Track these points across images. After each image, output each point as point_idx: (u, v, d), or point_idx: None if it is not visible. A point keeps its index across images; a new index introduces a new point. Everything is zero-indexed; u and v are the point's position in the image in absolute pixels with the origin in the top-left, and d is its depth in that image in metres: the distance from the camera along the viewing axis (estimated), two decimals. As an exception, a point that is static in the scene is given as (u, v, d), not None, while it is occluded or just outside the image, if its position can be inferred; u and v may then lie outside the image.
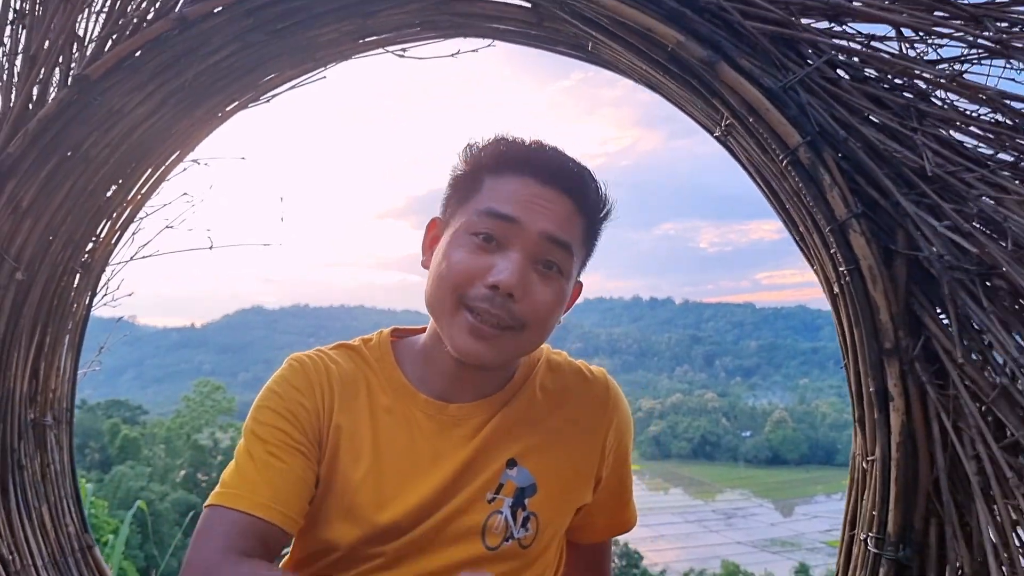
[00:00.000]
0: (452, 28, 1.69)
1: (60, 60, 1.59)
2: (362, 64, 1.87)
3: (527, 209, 1.24)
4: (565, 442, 1.40)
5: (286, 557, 1.41)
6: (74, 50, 1.59)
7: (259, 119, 1.95)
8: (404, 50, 1.82)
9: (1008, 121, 1.25)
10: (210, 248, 2.11)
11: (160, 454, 37.53)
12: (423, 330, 1.44)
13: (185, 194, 1.97)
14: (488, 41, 1.78)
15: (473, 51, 1.95)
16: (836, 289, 1.36)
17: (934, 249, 1.18)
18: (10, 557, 1.67)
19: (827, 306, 1.42)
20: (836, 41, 1.30)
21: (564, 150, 1.33)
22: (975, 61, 1.28)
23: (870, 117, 1.26)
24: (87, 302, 1.90)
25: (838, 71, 1.30)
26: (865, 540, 1.27)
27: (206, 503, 1.25)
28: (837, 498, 74.44)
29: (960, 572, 1.18)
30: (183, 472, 35.62)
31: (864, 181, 1.25)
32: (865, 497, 1.30)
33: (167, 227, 2.04)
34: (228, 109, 1.82)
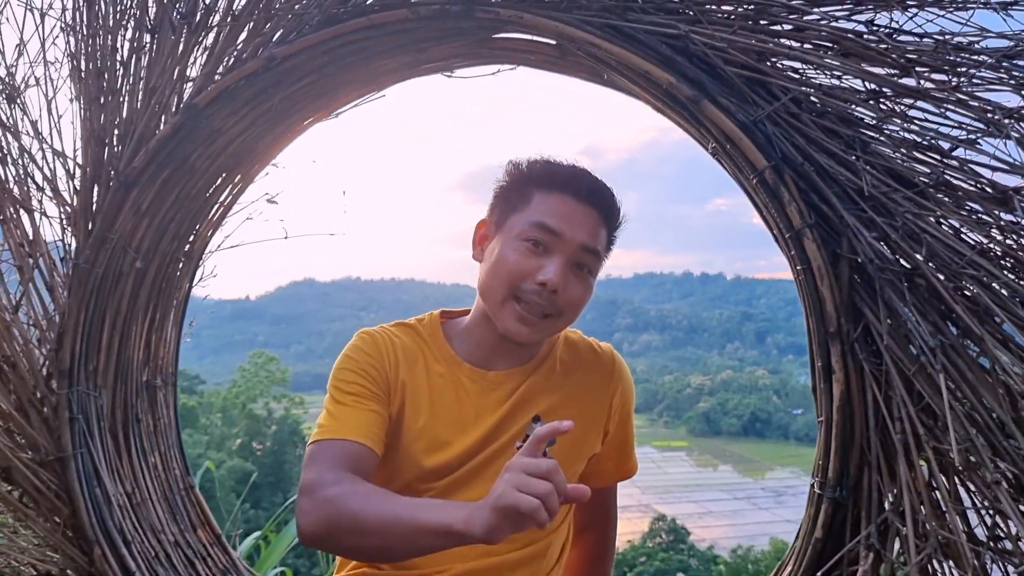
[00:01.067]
0: (491, 58, 2.01)
1: (173, 91, 1.95)
2: (416, 84, 2.22)
3: (569, 224, 1.61)
4: (579, 403, 1.76)
5: None
6: (186, 83, 1.95)
7: (328, 131, 2.29)
8: (451, 72, 2.16)
9: (927, 148, 1.54)
10: (285, 238, 2.47)
11: (217, 423, 38.63)
12: (466, 312, 1.80)
13: (266, 194, 2.33)
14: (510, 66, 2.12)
15: (511, 68, 2.30)
16: (796, 280, 1.67)
17: (867, 254, 1.48)
18: (133, 491, 2.06)
19: None
20: (801, 87, 1.60)
21: (593, 172, 1.70)
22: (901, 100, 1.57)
23: (823, 145, 1.56)
24: (188, 285, 2.28)
25: (800, 106, 1.60)
26: (813, 484, 1.60)
27: (308, 442, 1.61)
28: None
29: (882, 507, 1.49)
30: (239, 441, 36.63)
31: (816, 198, 1.56)
32: (817, 451, 1.62)
33: (247, 219, 2.40)
34: (304, 125, 2.17)
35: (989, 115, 1.47)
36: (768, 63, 1.62)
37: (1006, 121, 1.45)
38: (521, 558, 1.69)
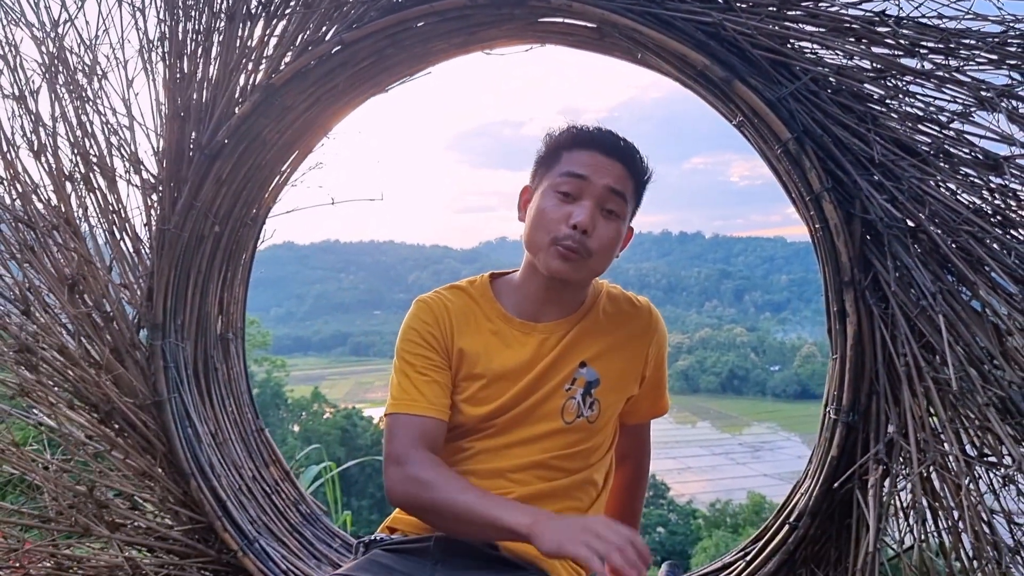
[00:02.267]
0: (535, 39, 2.23)
1: (252, 72, 2.16)
2: (459, 61, 2.44)
3: (594, 170, 1.82)
4: (620, 350, 1.98)
5: None
6: (260, 64, 2.16)
7: (377, 105, 2.50)
8: (491, 50, 2.39)
9: (928, 120, 1.79)
10: (332, 203, 2.70)
11: (200, 386, 38.60)
12: (514, 271, 2.03)
13: (319, 163, 2.55)
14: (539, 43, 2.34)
15: (541, 45, 2.51)
16: (813, 238, 1.93)
17: (879, 214, 1.74)
18: (216, 432, 2.30)
19: None
20: (819, 68, 1.84)
21: (618, 132, 1.90)
22: (905, 79, 1.82)
23: (839, 119, 1.81)
24: (252, 247, 2.51)
25: (818, 85, 1.84)
26: (827, 411, 1.86)
27: (386, 412, 1.85)
28: (864, 431, 74.99)
29: (887, 430, 1.76)
30: (223, 404, 36.75)
31: (833, 165, 1.81)
32: (831, 383, 1.88)
33: (292, 186, 2.62)
34: (361, 99, 2.38)
35: (982, 92, 1.72)
36: (790, 46, 1.86)
37: (997, 98, 1.70)
38: (572, 483, 1.94)
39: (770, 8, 1.85)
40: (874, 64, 1.81)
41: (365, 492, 29.88)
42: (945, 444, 1.68)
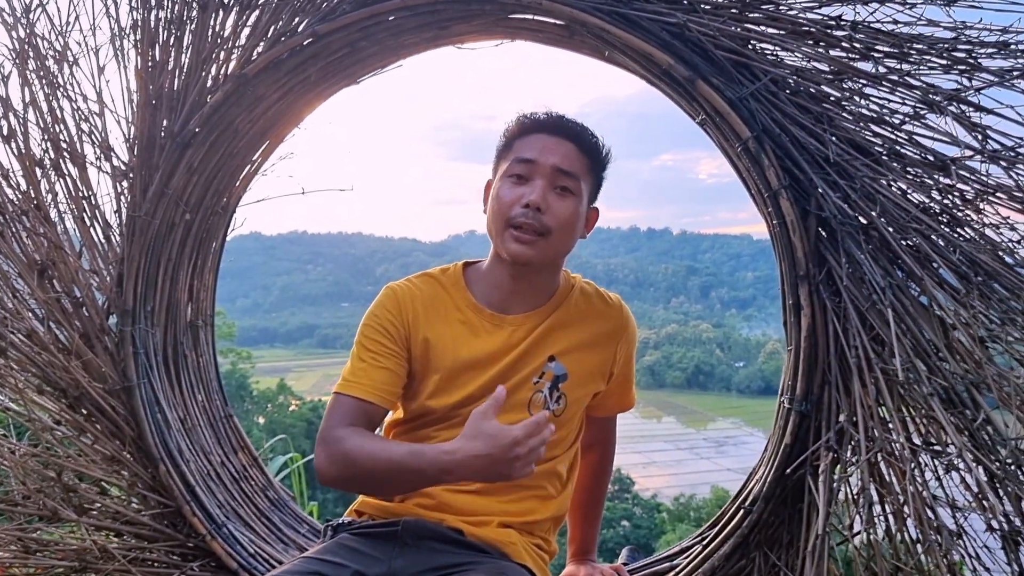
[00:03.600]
0: (505, 35, 2.28)
1: (224, 62, 2.19)
2: (433, 55, 2.48)
3: (541, 152, 1.86)
4: (589, 347, 2.01)
5: (389, 418, 2.06)
6: (232, 54, 2.19)
7: (349, 96, 2.54)
8: (462, 44, 2.43)
9: (881, 122, 1.87)
10: (302, 193, 2.73)
11: (165, 377, 38.25)
12: (483, 260, 2.05)
13: (291, 153, 2.58)
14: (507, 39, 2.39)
15: (511, 41, 2.56)
16: (771, 233, 2.00)
17: (830, 210, 1.81)
18: (185, 418, 2.33)
19: None
20: (779, 69, 1.91)
21: (565, 114, 1.94)
22: (865, 82, 1.89)
23: (796, 119, 1.88)
24: (222, 236, 2.53)
25: (777, 86, 1.91)
26: (782, 400, 1.94)
27: (333, 390, 1.87)
28: (826, 427, 75.92)
29: (838, 419, 1.83)
30: (188, 395, 36.43)
31: (790, 163, 1.87)
32: (786, 374, 1.96)
33: (263, 175, 2.65)
34: (332, 91, 2.41)
35: (932, 96, 1.80)
36: (751, 47, 1.92)
37: (946, 101, 1.78)
38: (536, 474, 1.99)
39: (732, 10, 1.92)
40: (830, 66, 1.88)
41: (350, 499, 29.75)
42: (892, 433, 1.76)
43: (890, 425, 1.78)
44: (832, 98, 1.89)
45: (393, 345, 1.91)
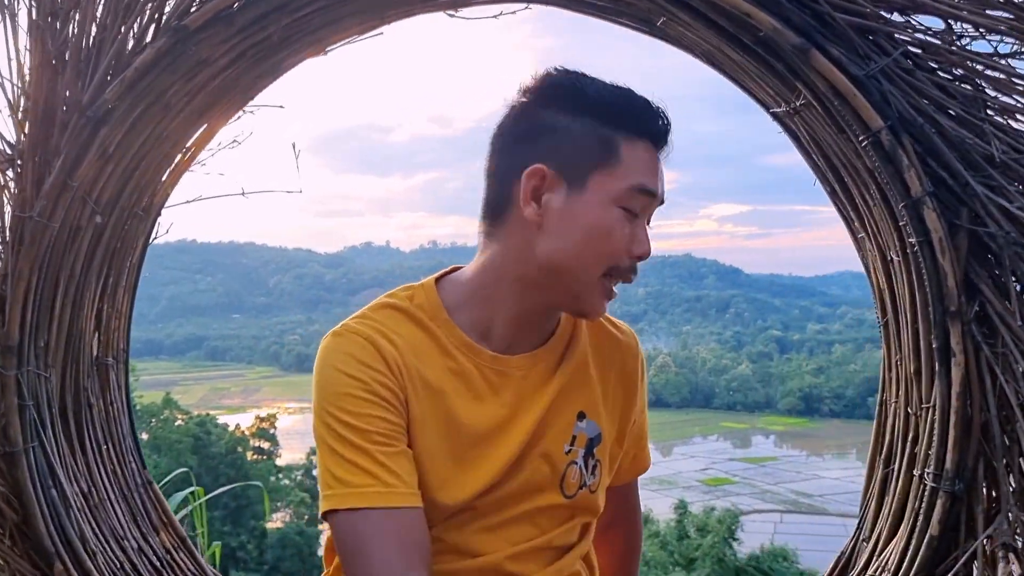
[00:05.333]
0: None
1: (155, 10, 1.60)
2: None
3: (659, 182, 1.31)
4: (613, 393, 1.48)
5: None
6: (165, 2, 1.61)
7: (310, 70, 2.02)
8: (456, 11, 1.91)
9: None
10: (243, 195, 2.15)
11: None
12: (454, 270, 1.45)
13: (235, 141, 2.00)
14: (524, 4, 1.90)
15: (512, 13, 2.06)
16: (894, 257, 1.54)
17: (1001, 226, 1.36)
18: (90, 491, 1.72)
19: (712, 256, 1.57)
20: (915, 35, 1.46)
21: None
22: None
23: (944, 105, 1.43)
24: (143, 245, 1.93)
25: (914, 62, 1.46)
26: (921, 476, 1.47)
27: (335, 507, 1.21)
28: (713, 439, 77.74)
29: (1001, 500, 1.39)
30: (67, 411, 34.53)
31: (936, 163, 1.42)
32: (920, 439, 1.50)
33: (200, 166, 2.06)
34: (292, 62, 1.85)
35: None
36: (885, 11, 1.46)
37: None
38: (573, 561, 1.47)
39: (858, -40, 1.45)
40: (988, 35, 1.44)
41: (239, 520, 28.21)
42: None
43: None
44: (990, 79, 1.44)
45: (398, 419, 1.27)
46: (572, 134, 1.29)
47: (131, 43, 1.62)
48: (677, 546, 25.65)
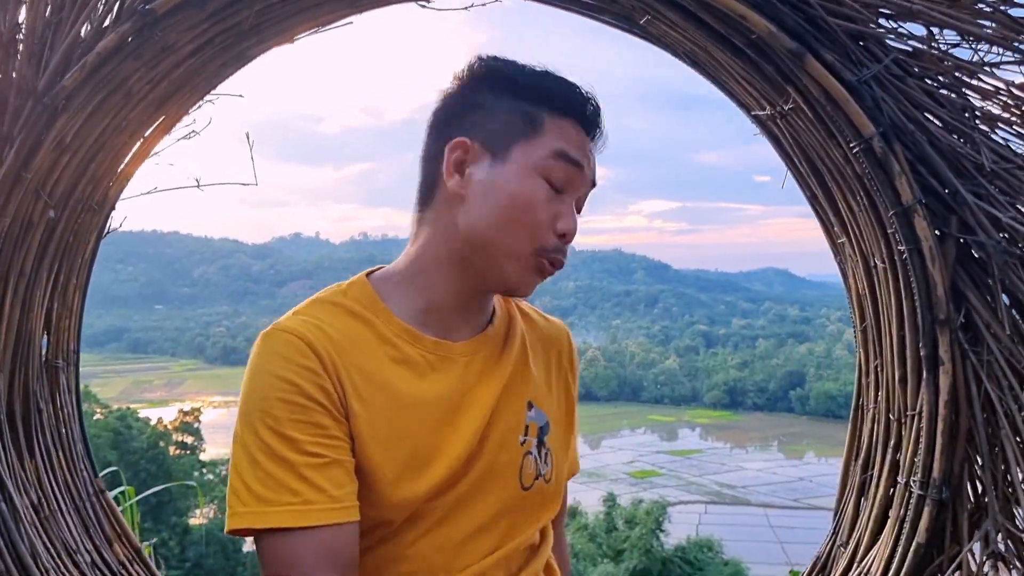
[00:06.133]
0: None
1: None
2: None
3: (585, 158, 1.26)
4: (552, 383, 1.43)
5: None
6: (132, -20, 1.51)
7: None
8: (428, 1, 1.86)
9: (1034, 124, 1.45)
10: (198, 187, 2.06)
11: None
12: (384, 267, 1.38)
13: (194, 131, 1.91)
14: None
15: (483, 4, 2.01)
16: (879, 263, 1.54)
17: (990, 235, 1.36)
18: (40, 502, 1.62)
19: (641, 251, 1.53)
20: (907, 41, 1.45)
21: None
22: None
23: (934, 112, 1.42)
24: (95, 240, 1.83)
25: (904, 69, 1.45)
26: (907, 484, 1.47)
27: (253, 527, 1.12)
28: (641, 432, 78.73)
29: (987, 504, 1.39)
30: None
31: (926, 171, 1.42)
32: (903, 446, 1.50)
33: (156, 155, 1.96)
34: (261, 49, 1.77)
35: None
36: (876, 16, 1.46)
37: None
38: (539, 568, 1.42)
39: (852, -35, 1.44)
40: (976, 44, 1.44)
41: (160, 517, 27.46)
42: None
43: (1068, 521, 1.35)
44: (978, 87, 1.45)
45: (332, 421, 1.18)
46: (497, 110, 1.26)
47: (87, 26, 1.52)
48: (606, 538, 25.89)
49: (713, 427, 77.61)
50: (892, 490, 1.53)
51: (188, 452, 37.11)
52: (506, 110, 1.26)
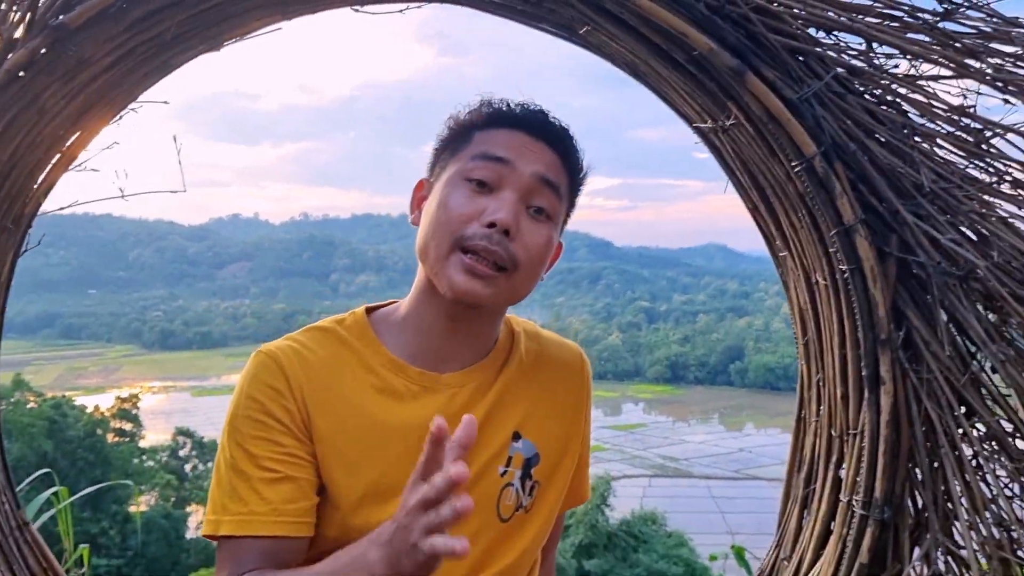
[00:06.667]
0: (440, -3, 1.67)
1: (28, 6, 1.41)
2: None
3: (519, 154, 1.29)
4: (555, 409, 1.44)
5: None
6: (42, -8, 1.42)
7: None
8: (363, 6, 1.81)
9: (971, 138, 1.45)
10: (122, 197, 1.98)
11: None
12: (392, 303, 1.44)
13: (115, 142, 1.83)
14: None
15: (418, 7, 1.96)
16: (820, 280, 1.53)
17: (930, 255, 1.36)
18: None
19: (584, 228, 1.54)
20: (843, 56, 1.44)
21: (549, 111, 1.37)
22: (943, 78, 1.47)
23: (871, 131, 1.42)
24: (12, 260, 1.74)
25: (845, 87, 1.44)
26: (849, 503, 1.47)
27: (212, 533, 1.24)
28: (586, 408, 79.72)
29: (928, 521, 1.40)
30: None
31: (866, 190, 1.41)
32: (845, 463, 1.50)
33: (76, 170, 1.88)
34: (181, 59, 1.70)
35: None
36: (811, 33, 1.44)
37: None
38: None
39: (792, -19, 1.42)
40: (914, 63, 1.44)
41: (100, 505, 26.82)
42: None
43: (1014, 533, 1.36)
44: (919, 102, 1.44)
45: (293, 441, 1.26)
46: (445, 143, 1.38)
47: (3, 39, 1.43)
48: (552, 515, 26.15)
49: (656, 401, 78.73)
50: (835, 507, 1.53)
51: (127, 440, 36.39)
52: (450, 143, 1.36)
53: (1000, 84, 1.40)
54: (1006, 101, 1.43)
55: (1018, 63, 1.42)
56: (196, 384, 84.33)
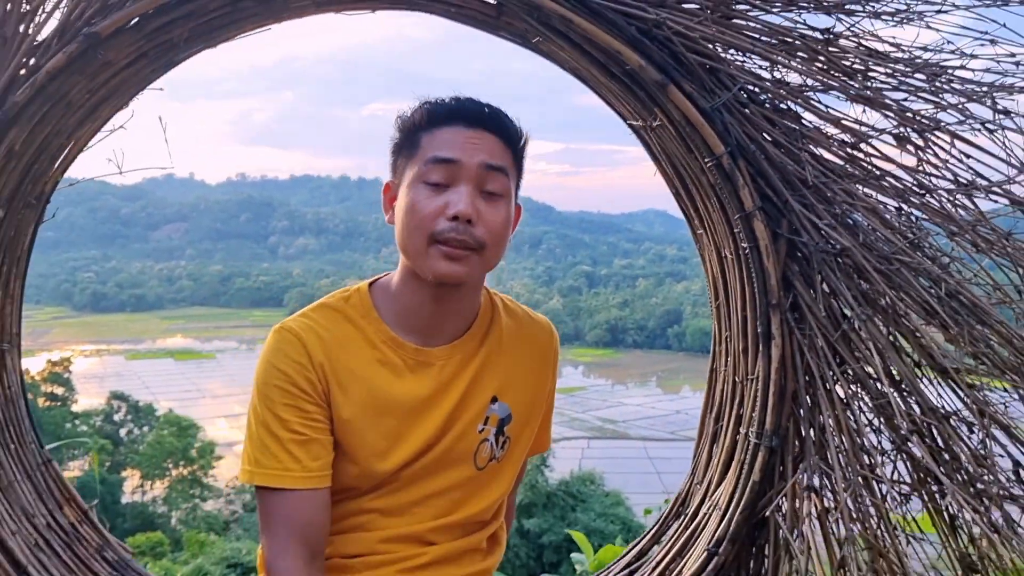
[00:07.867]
0: (414, 6, 1.95)
1: (62, 14, 1.66)
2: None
3: (463, 149, 1.53)
4: (526, 379, 1.74)
5: None
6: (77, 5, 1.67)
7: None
8: (353, 10, 2.06)
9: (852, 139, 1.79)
10: (120, 173, 2.22)
11: None
12: (387, 275, 1.70)
13: (122, 126, 2.07)
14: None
15: (387, 10, 2.22)
16: (728, 254, 1.87)
17: (812, 236, 1.71)
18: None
19: (525, 193, 1.71)
20: (748, 75, 1.76)
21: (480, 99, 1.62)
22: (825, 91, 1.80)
23: (771, 135, 1.75)
24: (32, 232, 1.98)
25: (749, 97, 1.77)
26: (746, 434, 1.83)
27: (249, 481, 1.51)
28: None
29: (806, 449, 1.76)
30: None
31: (763, 183, 1.74)
32: (745, 404, 1.85)
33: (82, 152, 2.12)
34: (183, 57, 1.94)
35: (910, 120, 1.74)
36: (721, 52, 1.76)
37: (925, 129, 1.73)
38: (484, 537, 1.72)
39: (707, 10, 1.74)
40: (807, 79, 1.77)
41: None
42: (869, 468, 1.71)
43: (866, 457, 1.73)
44: (807, 115, 1.78)
45: (315, 407, 1.54)
46: (398, 147, 1.63)
47: (34, 45, 1.68)
48: (493, 476, 26.62)
49: (595, 365, 79.79)
50: (736, 439, 1.88)
51: (59, 404, 35.77)
52: (403, 147, 1.61)
53: (870, 97, 1.73)
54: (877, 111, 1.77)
55: (885, 81, 1.76)
56: (130, 347, 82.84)
